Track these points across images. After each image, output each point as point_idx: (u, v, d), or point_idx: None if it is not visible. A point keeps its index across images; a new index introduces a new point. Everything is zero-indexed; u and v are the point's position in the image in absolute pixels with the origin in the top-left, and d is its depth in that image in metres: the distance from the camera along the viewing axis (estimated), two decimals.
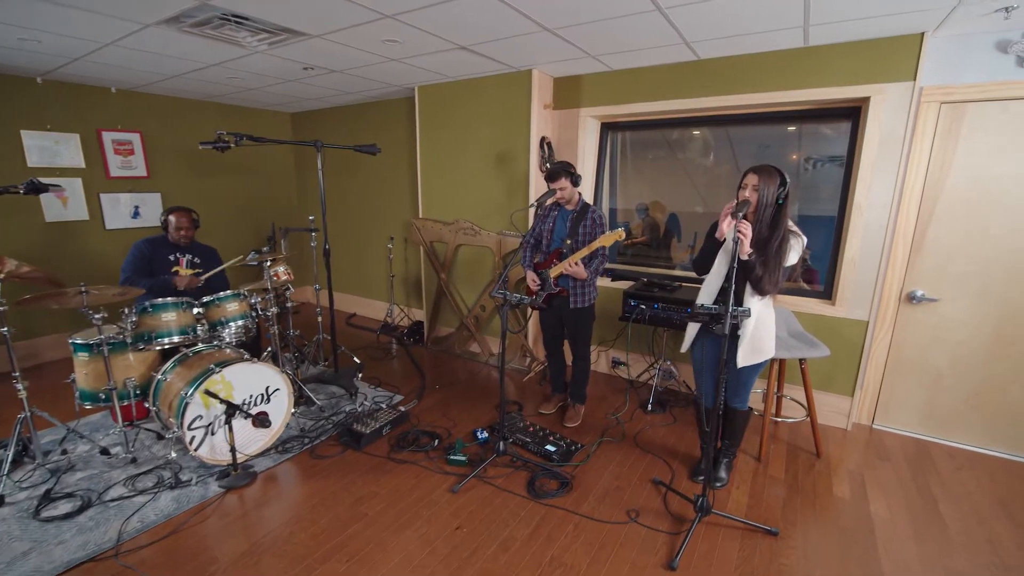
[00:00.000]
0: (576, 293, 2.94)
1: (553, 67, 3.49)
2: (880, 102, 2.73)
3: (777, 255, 2.09)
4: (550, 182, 2.83)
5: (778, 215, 2.10)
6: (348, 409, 3.04)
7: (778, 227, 2.10)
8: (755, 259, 2.08)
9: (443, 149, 4.13)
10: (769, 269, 2.08)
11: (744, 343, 2.21)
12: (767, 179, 2.07)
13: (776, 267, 2.08)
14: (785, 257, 2.10)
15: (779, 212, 2.10)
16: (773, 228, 2.10)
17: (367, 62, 3.36)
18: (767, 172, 2.09)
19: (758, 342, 2.23)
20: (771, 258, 2.08)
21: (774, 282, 2.10)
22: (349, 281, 5.73)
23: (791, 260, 2.12)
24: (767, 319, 2.24)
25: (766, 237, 2.11)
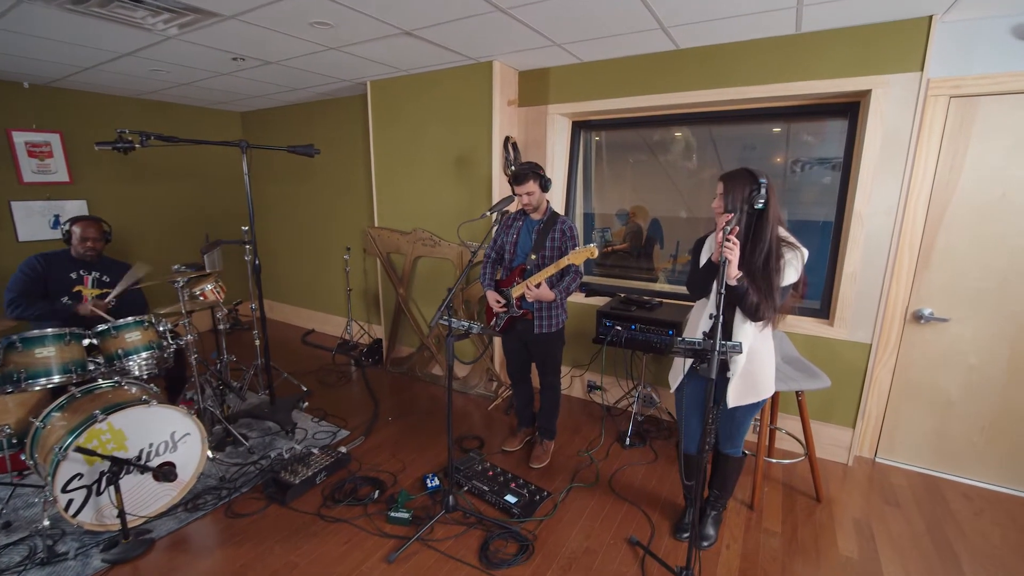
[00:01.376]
0: (541, 316, 2.55)
1: (517, 58, 3.11)
2: (882, 96, 2.39)
3: (766, 274, 1.73)
4: (516, 185, 2.44)
5: (759, 223, 1.74)
6: (275, 454, 2.59)
7: (761, 238, 1.74)
8: (744, 284, 1.71)
9: (398, 151, 3.72)
10: (763, 293, 1.72)
11: (735, 380, 1.84)
12: (731, 184, 1.74)
13: (769, 289, 1.72)
14: (779, 276, 1.74)
15: (760, 219, 1.74)
16: (755, 241, 1.74)
17: (302, 51, 2.94)
18: (731, 176, 1.76)
19: (753, 378, 1.86)
20: (760, 279, 1.72)
21: (772, 308, 1.73)
22: (306, 294, 5.27)
23: (789, 278, 1.76)
24: (764, 351, 1.87)
25: (748, 253, 1.75)
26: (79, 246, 2.83)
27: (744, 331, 1.79)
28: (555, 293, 2.42)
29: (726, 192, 1.74)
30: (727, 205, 1.73)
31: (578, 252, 2.25)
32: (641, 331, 2.85)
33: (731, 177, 1.76)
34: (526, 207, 2.51)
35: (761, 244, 1.74)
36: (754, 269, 1.74)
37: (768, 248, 1.74)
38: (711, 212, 1.85)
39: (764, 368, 1.87)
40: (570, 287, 2.49)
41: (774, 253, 1.74)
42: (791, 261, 1.76)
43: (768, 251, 1.74)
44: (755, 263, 1.74)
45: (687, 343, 1.65)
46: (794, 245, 1.78)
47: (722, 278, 1.62)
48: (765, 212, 1.73)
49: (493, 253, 2.72)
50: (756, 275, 1.73)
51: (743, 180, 1.73)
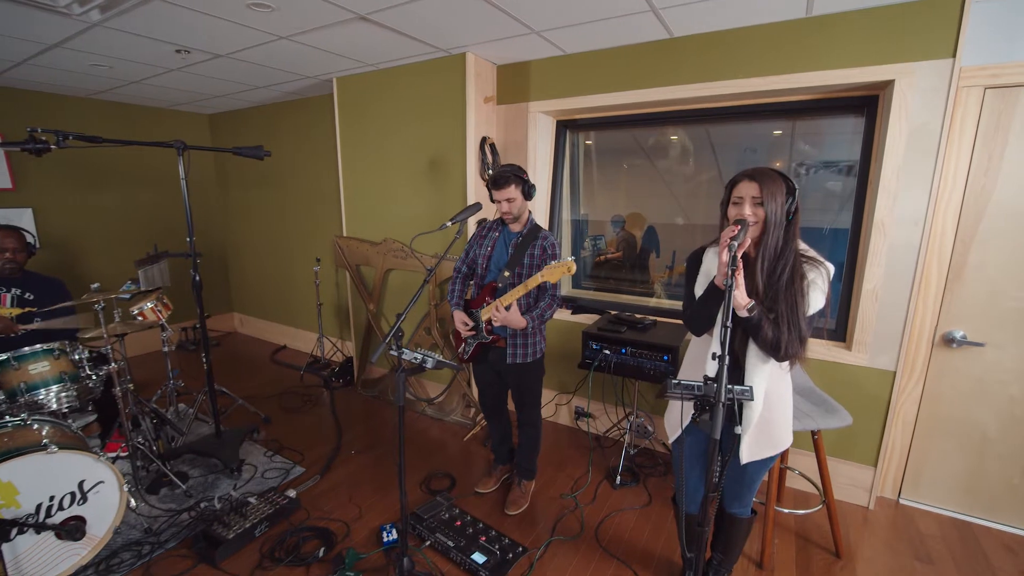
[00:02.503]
0: (515, 344, 2.21)
1: (493, 50, 2.79)
2: (907, 87, 2.07)
3: (789, 300, 1.39)
4: (495, 190, 2.11)
5: (786, 238, 1.41)
6: (205, 505, 2.24)
7: (783, 254, 1.41)
8: (760, 314, 1.38)
9: (368, 154, 3.40)
10: (787, 324, 1.38)
11: (750, 432, 1.50)
12: (772, 187, 1.38)
13: (795, 319, 1.39)
14: (804, 300, 1.41)
15: (787, 233, 1.41)
16: (778, 257, 1.41)
17: (251, 41, 2.62)
18: (770, 178, 1.39)
19: (770, 427, 1.52)
20: (784, 307, 1.39)
21: (798, 341, 1.40)
22: (278, 308, 4.93)
23: (816, 303, 1.42)
24: (783, 394, 1.54)
25: (768, 273, 1.42)
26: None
27: (760, 372, 1.45)
28: (527, 320, 2.08)
29: (766, 197, 1.37)
30: (769, 215, 1.37)
31: (553, 267, 1.91)
32: (632, 355, 2.51)
33: (768, 177, 1.38)
34: (505, 216, 2.18)
35: (784, 260, 1.40)
36: (775, 293, 1.41)
37: (792, 265, 1.41)
38: (710, 218, 1.51)
39: (783, 415, 1.54)
40: (545, 314, 2.15)
41: (797, 271, 1.41)
42: (815, 282, 1.42)
43: (792, 269, 1.40)
44: (778, 285, 1.41)
45: (684, 387, 1.32)
46: (816, 260, 1.45)
47: (728, 307, 1.28)
48: (793, 225, 1.41)
49: (464, 267, 2.39)
50: (777, 300, 1.40)
51: (779, 184, 1.38)
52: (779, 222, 1.39)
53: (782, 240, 1.41)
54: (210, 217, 5.10)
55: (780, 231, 1.40)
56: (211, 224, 5.12)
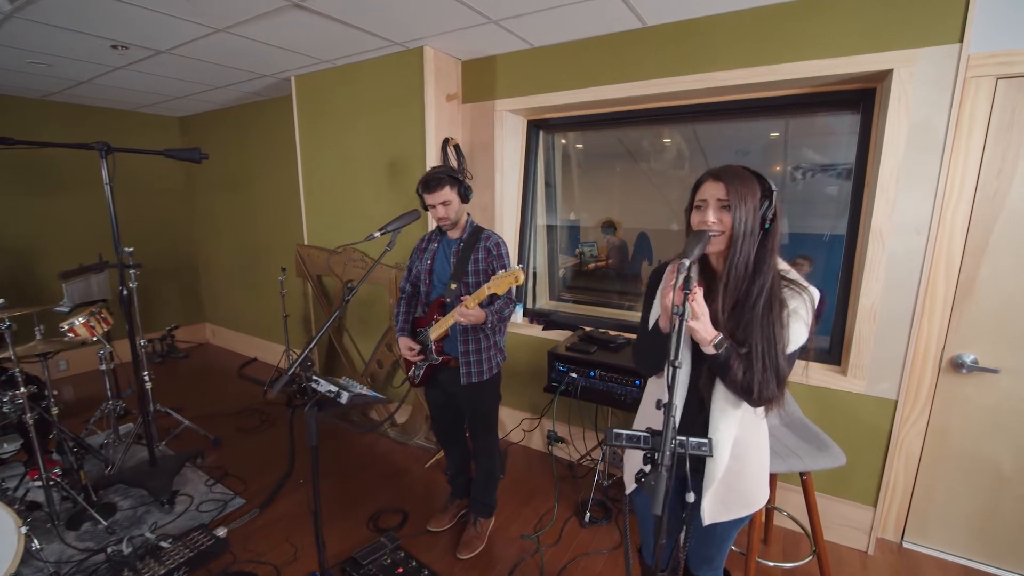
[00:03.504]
0: (469, 361, 1.97)
1: (453, 43, 2.57)
2: (908, 77, 1.82)
3: (766, 331, 1.13)
4: (427, 194, 1.92)
5: (762, 253, 1.16)
6: (111, 550, 1.99)
7: (760, 273, 1.14)
8: (729, 349, 1.13)
9: (327, 157, 3.18)
10: (763, 362, 1.13)
11: (713, 488, 1.23)
12: (742, 188, 1.13)
13: (772, 356, 1.13)
14: (784, 332, 1.15)
15: (763, 247, 1.15)
16: (752, 277, 1.16)
17: (187, 35, 2.42)
18: (740, 177, 1.14)
19: (741, 483, 1.26)
20: (759, 340, 1.13)
21: (773, 382, 1.14)
22: (248, 319, 4.71)
23: (797, 338, 1.16)
24: (758, 444, 1.28)
25: (745, 300, 1.16)
26: None
27: (729, 418, 1.19)
28: (487, 314, 1.84)
29: (734, 200, 1.11)
30: (737, 223, 1.12)
31: (500, 278, 1.70)
32: (601, 379, 2.26)
33: (737, 176, 1.13)
34: (442, 222, 1.96)
35: (760, 281, 1.14)
36: (748, 322, 1.14)
37: (769, 288, 1.14)
38: None
39: (757, 468, 1.28)
40: (504, 311, 1.93)
41: (776, 296, 1.15)
42: (798, 311, 1.15)
43: (770, 293, 1.14)
44: (751, 313, 1.14)
45: (629, 437, 1.07)
46: (799, 285, 1.18)
47: (678, 340, 1.03)
48: (770, 235, 1.15)
49: (407, 286, 2.16)
50: (751, 332, 1.14)
51: (751, 184, 1.13)
52: (750, 231, 1.13)
53: (755, 254, 1.15)
54: (179, 225, 4.91)
55: (752, 243, 1.14)
56: (180, 232, 4.92)
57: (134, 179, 4.47)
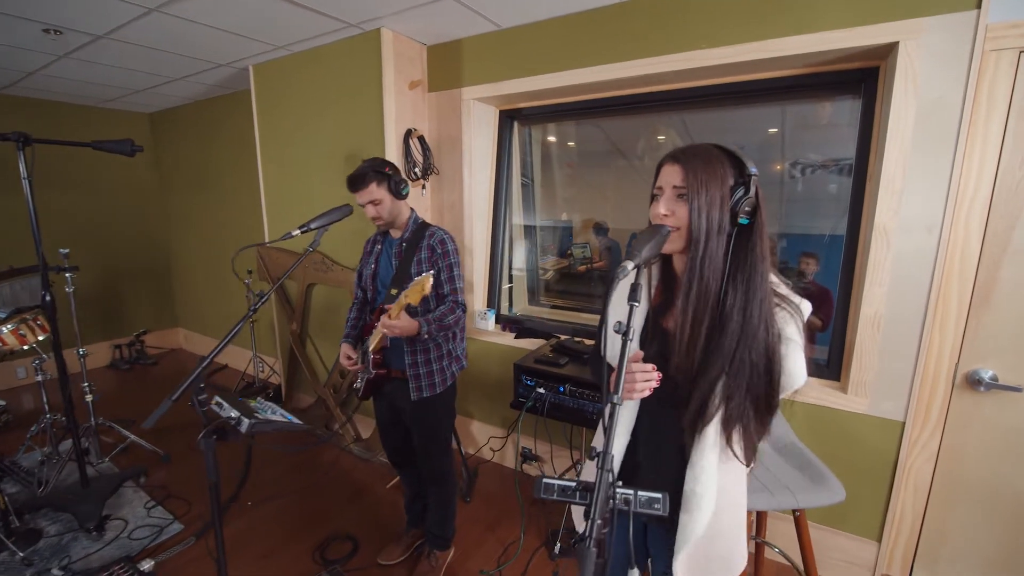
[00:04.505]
0: (418, 373, 1.75)
1: (413, 24, 2.34)
2: (915, 50, 1.58)
3: (748, 372, 0.89)
4: (353, 192, 1.71)
5: (739, 257, 0.91)
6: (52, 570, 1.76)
7: (736, 283, 0.90)
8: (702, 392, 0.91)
9: (287, 151, 2.96)
10: (760, 403, 0.90)
11: (687, 547, 0.99)
12: (704, 172, 0.89)
13: (760, 408, 0.90)
14: (778, 365, 0.91)
15: (743, 247, 0.91)
16: (744, 295, 0.89)
17: (118, 16, 2.20)
18: (703, 159, 0.90)
19: (716, 543, 1.02)
20: (740, 385, 0.89)
21: (751, 428, 0.92)
22: (219, 324, 4.50)
23: (797, 376, 0.92)
24: (734, 497, 1.05)
25: (718, 322, 0.91)
26: None
27: (708, 464, 0.96)
28: (420, 323, 1.61)
29: (692, 187, 0.88)
30: (695, 215, 0.88)
31: (412, 287, 1.50)
32: (572, 395, 2.02)
33: (698, 158, 0.90)
34: (375, 222, 1.75)
35: (738, 295, 0.89)
36: (723, 355, 0.89)
37: (755, 307, 0.89)
38: None
39: (734, 524, 1.04)
40: (446, 319, 1.69)
41: (767, 318, 0.89)
42: (792, 339, 0.91)
43: (754, 313, 0.89)
44: (726, 341, 0.89)
45: (562, 488, 0.84)
46: (788, 301, 0.94)
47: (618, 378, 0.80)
48: (753, 230, 0.91)
49: (359, 291, 1.95)
50: (742, 372, 0.89)
51: (717, 168, 0.89)
52: (715, 228, 0.89)
53: (727, 258, 0.91)
54: (152, 225, 4.70)
55: (719, 242, 0.90)
56: (153, 233, 4.72)
57: (103, 178, 4.28)
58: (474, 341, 2.74)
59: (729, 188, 0.90)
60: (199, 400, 1.23)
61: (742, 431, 0.93)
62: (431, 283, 1.48)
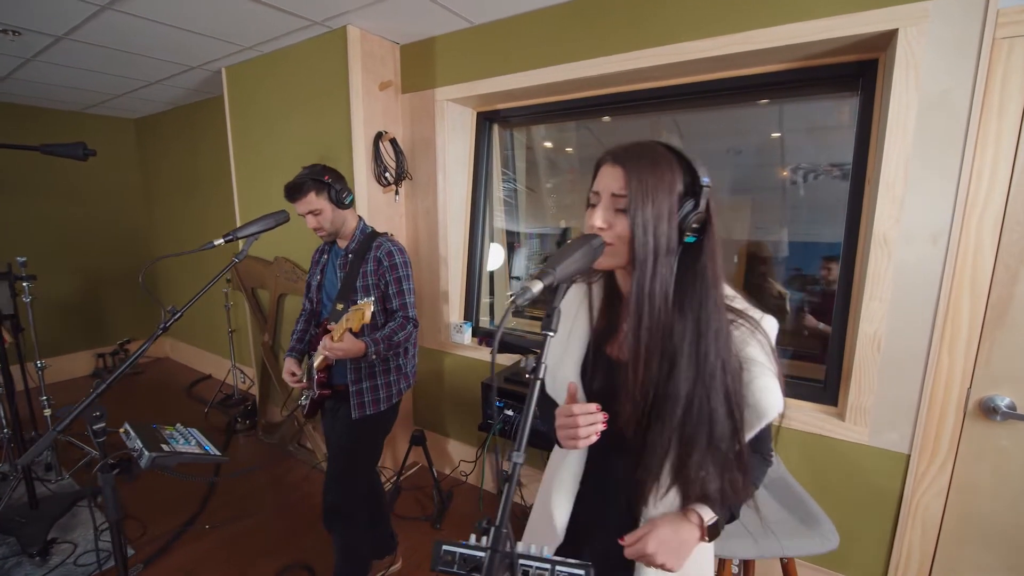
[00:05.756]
0: (362, 390, 1.63)
1: (382, 22, 2.22)
2: (917, 39, 1.41)
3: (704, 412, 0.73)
4: (291, 202, 1.59)
5: (688, 280, 0.76)
6: None
7: (686, 310, 0.74)
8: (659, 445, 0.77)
9: (259, 156, 2.85)
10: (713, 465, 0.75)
11: None
12: (649, 177, 0.73)
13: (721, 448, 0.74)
14: (744, 400, 0.75)
15: (691, 269, 0.76)
16: (691, 318, 0.74)
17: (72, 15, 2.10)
18: (649, 163, 0.75)
19: None
20: (703, 428, 0.73)
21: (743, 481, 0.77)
22: (203, 334, 4.40)
23: (769, 404, 0.75)
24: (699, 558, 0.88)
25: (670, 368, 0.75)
26: None
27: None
28: (366, 343, 1.48)
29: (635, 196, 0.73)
30: (638, 232, 0.73)
31: (352, 312, 1.39)
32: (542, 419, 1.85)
33: (643, 159, 0.75)
34: (318, 233, 1.63)
35: (688, 322, 0.74)
36: (696, 408, 0.74)
37: (724, 340, 0.74)
38: None
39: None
40: (395, 336, 1.56)
41: (723, 345, 0.74)
42: (759, 362, 0.75)
43: (724, 347, 0.74)
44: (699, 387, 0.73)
45: (464, 559, 0.68)
46: (746, 318, 0.78)
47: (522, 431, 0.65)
48: (701, 252, 0.76)
49: (307, 303, 1.82)
50: (701, 421, 0.73)
51: (666, 173, 0.74)
52: (663, 247, 0.74)
53: (669, 287, 0.75)
54: (137, 232, 4.64)
55: (669, 263, 0.75)
56: (138, 240, 4.65)
57: (86, 184, 4.22)
58: (450, 355, 2.59)
59: (678, 197, 0.74)
60: (94, 430, 1.09)
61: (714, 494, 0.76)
62: (371, 311, 1.36)
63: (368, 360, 1.53)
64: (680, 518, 0.78)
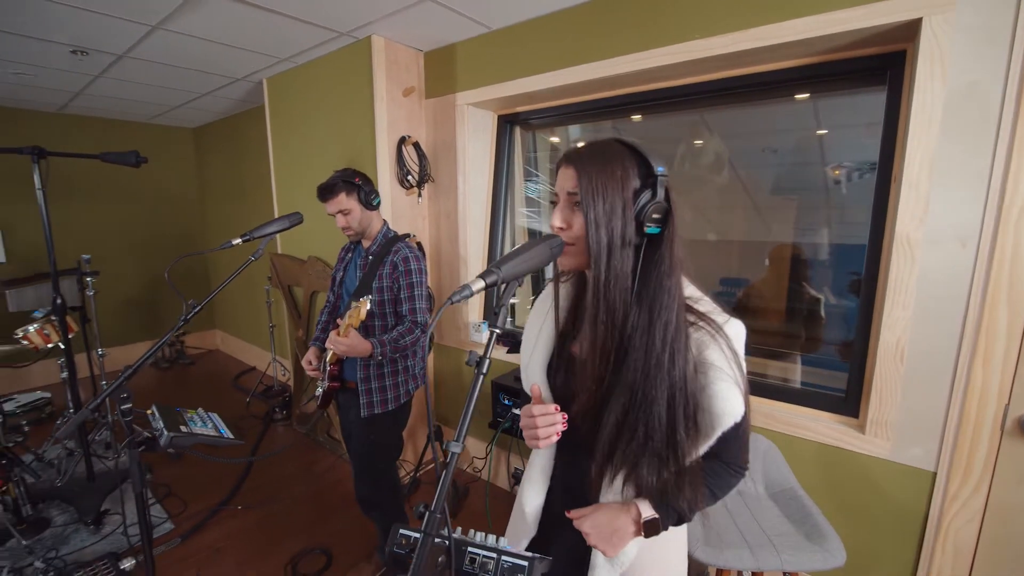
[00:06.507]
0: (371, 389, 1.70)
1: (404, 31, 2.31)
2: (942, 27, 1.32)
3: (649, 400, 0.73)
4: (322, 202, 1.70)
5: (649, 270, 0.76)
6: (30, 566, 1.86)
7: (656, 306, 0.74)
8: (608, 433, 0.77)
9: (296, 161, 3.02)
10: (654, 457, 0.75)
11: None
12: (599, 176, 0.75)
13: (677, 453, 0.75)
14: (684, 406, 0.74)
15: (651, 260, 0.76)
16: (647, 310, 0.75)
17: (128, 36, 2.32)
18: (599, 161, 0.76)
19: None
20: (648, 418, 0.74)
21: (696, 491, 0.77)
22: (250, 328, 4.69)
23: (725, 408, 0.74)
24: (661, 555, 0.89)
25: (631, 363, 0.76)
26: None
27: None
28: (372, 344, 1.55)
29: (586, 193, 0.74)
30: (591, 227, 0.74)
31: (351, 311, 1.47)
32: None
33: (594, 159, 0.76)
34: (345, 232, 1.71)
35: (655, 328, 0.73)
36: (642, 395, 0.74)
37: (673, 333, 0.74)
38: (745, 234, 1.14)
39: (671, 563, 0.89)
40: (402, 340, 1.62)
41: (679, 342, 0.74)
42: (716, 365, 0.75)
43: (672, 340, 0.74)
44: (646, 375, 0.74)
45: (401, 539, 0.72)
46: (708, 320, 0.77)
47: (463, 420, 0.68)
48: (662, 244, 0.76)
49: (331, 296, 1.92)
50: (645, 410, 0.74)
51: (616, 169, 0.75)
52: (616, 242, 0.75)
53: (633, 275, 0.76)
54: (193, 234, 5.01)
55: (624, 257, 0.76)
56: (194, 241, 5.02)
57: (148, 189, 4.61)
58: (467, 354, 2.65)
59: (633, 192, 0.75)
60: (121, 410, 1.21)
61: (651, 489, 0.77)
62: (367, 309, 1.43)
63: (375, 360, 1.61)
64: (620, 508, 0.79)
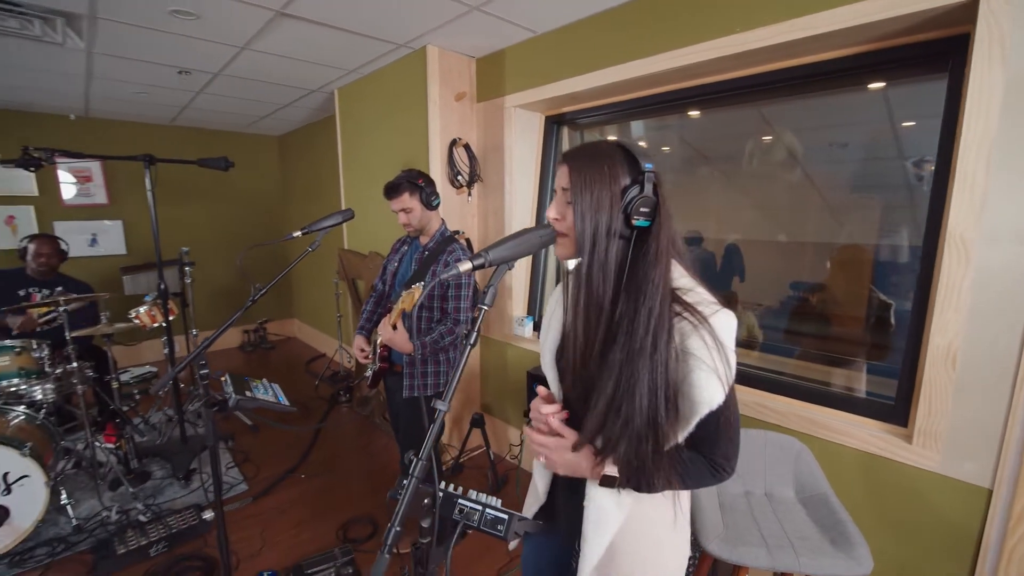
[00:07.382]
0: (413, 372, 1.85)
1: (455, 39, 2.45)
2: (1002, 7, 1.23)
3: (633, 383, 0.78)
4: (388, 200, 1.88)
5: (637, 261, 0.81)
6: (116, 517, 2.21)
7: (640, 294, 0.79)
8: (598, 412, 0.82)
9: (361, 163, 3.29)
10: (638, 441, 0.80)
11: (591, 551, 0.90)
12: (589, 173, 0.82)
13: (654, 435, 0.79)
14: (665, 390, 0.78)
15: (640, 252, 0.81)
16: (631, 298, 0.80)
17: (221, 56, 2.67)
18: (589, 159, 0.83)
19: (629, 560, 0.91)
20: (632, 400, 0.78)
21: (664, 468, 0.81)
22: (323, 317, 5.11)
23: (708, 399, 0.78)
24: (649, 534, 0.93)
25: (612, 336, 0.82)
26: (32, 262, 2.88)
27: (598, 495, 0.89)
28: (415, 345, 1.70)
29: (576, 189, 0.82)
30: (578, 219, 0.81)
31: (404, 296, 1.57)
32: None
33: (586, 158, 0.83)
34: (406, 228, 1.89)
35: (639, 315, 0.78)
36: (627, 377, 0.79)
37: (656, 320, 0.78)
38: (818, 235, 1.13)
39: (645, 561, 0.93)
40: (442, 340, 1.75)
41: (661, 331, 0.78)
42: (696, 355, 0.78)
43: (655, 327, 0.78)
44: (631, 359, 0.78)
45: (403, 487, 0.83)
46: (693, 311, 0.79)
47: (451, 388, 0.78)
48: (650, 236, 0.81)
49: (379, 284, 2.11)
50: (629, 392, 0.78)
51: (603, 167, 0.81)
52: (602, 231, 0.81)
53: (621, 265, 0.82)
54: (276, 230, 5.54)
55: (610, 247, 0.82)
56: (275, 235, 5.55)
57: (240, 191, 5.17)
58: (511, 347, 2.75)
59: (621, 188, 0.81)
60: (200, 375, 1.44)
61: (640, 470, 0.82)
62: (419, 295, 1.55)
63: (415, 358, 1.76)
64: (591, 451, 0.84)
